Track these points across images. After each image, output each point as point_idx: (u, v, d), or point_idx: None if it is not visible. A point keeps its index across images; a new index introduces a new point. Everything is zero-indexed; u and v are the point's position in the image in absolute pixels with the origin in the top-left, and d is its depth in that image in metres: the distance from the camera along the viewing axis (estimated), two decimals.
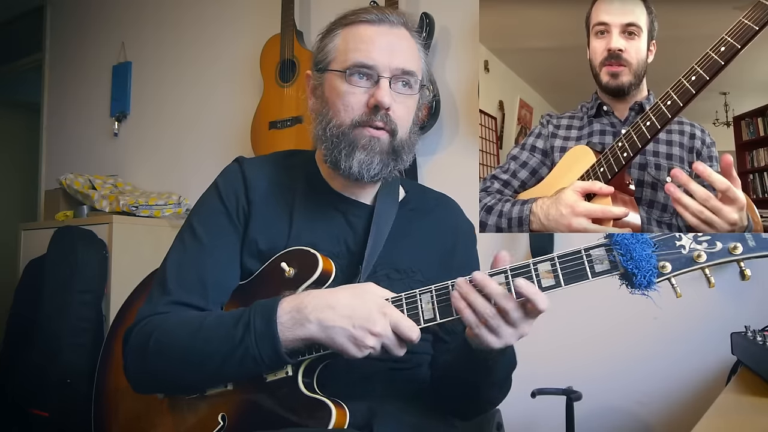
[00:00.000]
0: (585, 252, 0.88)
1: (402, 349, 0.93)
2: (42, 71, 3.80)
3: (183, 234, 1.12)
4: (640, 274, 0.84)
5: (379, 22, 1.06)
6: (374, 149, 1.04)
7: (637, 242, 0.85)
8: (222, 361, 0.95)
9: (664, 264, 0.84)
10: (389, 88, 1.03)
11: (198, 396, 1.03)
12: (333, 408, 0.94)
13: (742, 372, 1.18)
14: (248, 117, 2.56)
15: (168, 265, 1.09)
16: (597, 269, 0.87)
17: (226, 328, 0.96)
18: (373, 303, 0.93)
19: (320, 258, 1.02)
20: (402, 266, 1.11)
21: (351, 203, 1.14)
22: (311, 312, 0.93)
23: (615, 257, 0.86)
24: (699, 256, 0.84)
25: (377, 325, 0.91)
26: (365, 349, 0.91)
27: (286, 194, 1.13)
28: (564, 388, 1.66)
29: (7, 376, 2.57)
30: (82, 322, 2.43)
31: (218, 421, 1.00)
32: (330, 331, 0.91)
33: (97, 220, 2.64)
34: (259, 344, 0.93)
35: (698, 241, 0.85)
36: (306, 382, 0.98)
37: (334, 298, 0.94)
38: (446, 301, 0.93)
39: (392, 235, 1.12)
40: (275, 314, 0.94)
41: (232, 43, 2.88)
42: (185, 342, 0.98)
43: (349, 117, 1.05)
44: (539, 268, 0.89)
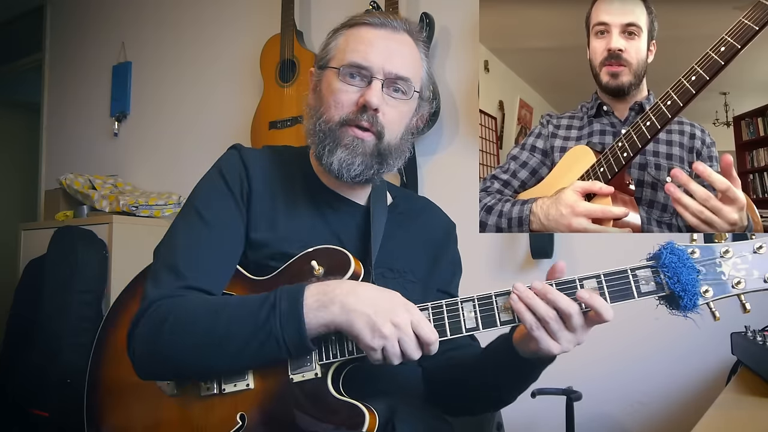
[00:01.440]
0: (631, 272, 0.89)
1: (418, 351, 0.91)
2: (42, 71, 3.80)
3: (187, 217, 1.09)
4: (687, 297, 0.86)
5: (381, 26, 1.08)
6: (356, 150, 1.05)
7: (684, 266, 0.86)
8: (243, 343, 0.93)
9: (707, 288, 0.87)
10: (380, 91, 1.04)
11: (214, 394, 1.00)
12: (366, 413, 0.93)
13: (742, 372, 1.18)
14: (248, 117, 2.56)
15: (176, 248, 1.06)
16: (643, 290, 0.88)
17: (250, 308, 0.94)
18: (399, 300, 0.93)
19: (352, 259, 1.01)
20: (395, 266, 1.12)
21: (345, 201, 1.14)
22: (337, 295, 0.92)
23: (662, 279, 0.88)
24: (739, 284, 0.86)
25: (399, 316, 0.90)
26: (381, 338, 0.89)
27: (283, 187, 1.13)
28: (564, 388, 1.66)
29: (7, 376, 2.57)
30: (82, 322, 2.43)
31: (237, 421, 0.98)
32: (351, 315, 0.90)
33: (97, 220, 2.64)
34: (283, 326, 0.91)
35: (737, 268, 0.87)
36: (334, 385, 0.96)
37: (361, 288, 0.94)
38: (490, 311, 0.93)
39: (384, 237, 1.13)
40: (302, 296, 0.93)
41: (231, 43, 2.88)
42: (206, 322, 0.95)
43: (338, 114, 1.05)
44: (585, 285, 0.90)
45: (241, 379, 0.99)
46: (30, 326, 2.50)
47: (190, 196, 1.13)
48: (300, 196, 1.13)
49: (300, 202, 1.12)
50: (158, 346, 0.97)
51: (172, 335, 0.96)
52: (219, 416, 0.99)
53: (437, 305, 0.95)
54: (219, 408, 1.00)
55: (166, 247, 1.08)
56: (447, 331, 0.93)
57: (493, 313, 0.92)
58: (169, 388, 1.04)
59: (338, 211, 1.13)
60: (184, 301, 0.99)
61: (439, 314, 0.94)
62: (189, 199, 1.12)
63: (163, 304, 0.99)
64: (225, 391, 0.99)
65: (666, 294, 0.88)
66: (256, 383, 0.99)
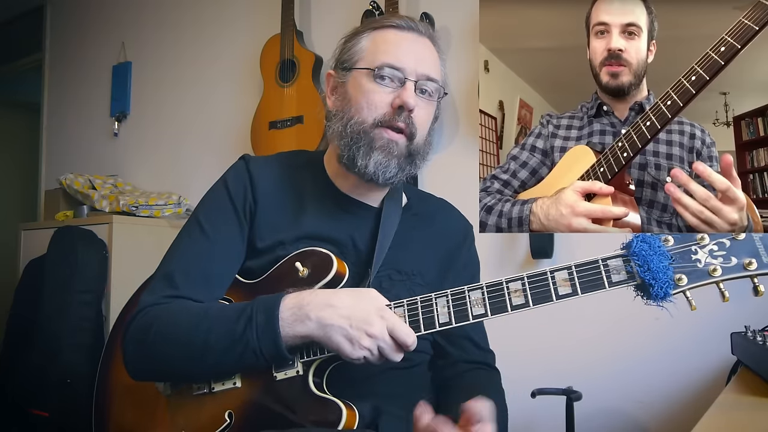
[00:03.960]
0: (602, 262, 0.89)
1: (398, 354, 0.94)
2: (42, 71, 3.80)
3: (190, 228, 1.12)
4: (657, 285, 0.85)
5: (408, 29, 1.09)
6: (392, 152, 1.05)
7: (655, 254, 0.86)
8: (222, 354, 0.96)
9: (680, 276, 0.85)
10: (414, 92, 1.05)
11: (204, 393, 1.04)
12: (344, 408, 0.95)
13: (742, 372, 1.18)
14: (248, 117, 2.56)
15: (174, 257, 1.09)
16: (614, 279, 0.88)
17: (228, 321, 0.97)
18: (372, 306, 0.94)
19: (335, 259, 1.03)
20: (404, 268, 1.12)
21: (358, 204, 1.15)
22: (312, 309, 0.94)
23: (632, 268, 0.87)
24: (714, 270, 0.85)
25: (374, 326, 0.92)
26: (361, 349, 0.92)
27: (292, 194, 1.14)
28: (564, 388, 1.66)
29: (7, 376, 2.57)
30: (82, 322, 2.43)
31: (225, 419, 1.01)
32: (328, 330, 0.92)
33: (97, 220, 2.63)
34: (260, 339, 0.94)
35: (714, 255, 0.86)
36: (316, 382, 0.99)
37: (335, 298, 0.95)
38: (462, 306, 0.94)
39: (396, 238, 1.13)
40: (277, 309, 0.95)
41: (231, 43, 2.88)
42: (186, 333, 0.98)
43: (371, 115, 1.06)
44: (556, 276, 0.90)
45: (228, 378, 1.02)
46: (30, 326, 2.49)
47: (196, 206, 1.16)
48: (311, 201, 1.13)
49: (311, 207, 1.13)
50: (145, 351, 1.01)
51: (156, 342, 1.00)
52: (209, 414, 1.02)
53: (412, 301, 0.96)
54: (209, 406, 1.03)
55: (168, 256, 1.11)
56: (421, 326, 0.95)
57: (465, 308, 0.94)
58: (164, 389, 1.08)
59: (351, 214, 1.14)
60: (168, 309, 1.02)
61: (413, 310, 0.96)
62: (194, 210, 1.15)
63: (151, 310, 1.03)
64: (214, 390, 1.03)
65: (638, 283, 0.87)
66: (242, 382, 1.02)
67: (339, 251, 1.09)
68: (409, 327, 0.94)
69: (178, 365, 1.01)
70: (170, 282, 1.06)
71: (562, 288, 0.90)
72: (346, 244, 1.10)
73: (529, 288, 0.91)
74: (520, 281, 0.92)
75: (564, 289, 0.90)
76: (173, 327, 1.00)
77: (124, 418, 1.15)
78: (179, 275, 1.06)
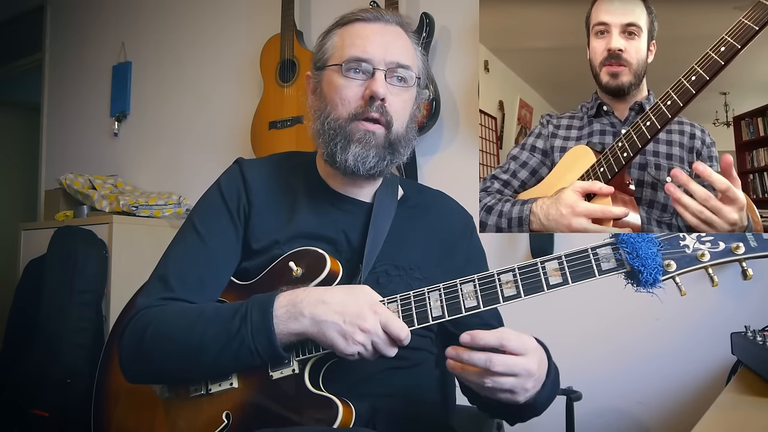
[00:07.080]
0: (592, 251, 0.90)
1: (392, 348, 0.94)
2: (42, 71, 3.79)
3: (185, 231, 1.13)
4: (646, 271, 0.85)
5: (374, 20, 1.10)
6: (369, 143, 1.06)
7: (643, 241, 0.87)
8: (218, 353, 0.96)
9: (669, 262, 0.86)
10: (384, 80, 1.06)
11: (202, 394, 1.04)
12: (340, 405, 0.95)
13: (742, 372, 1.18)
14: (248, 117, 2.56)
15: (170, 260, 1.10)
16: (604, 267, 0.89)
17: (223, 320, 0.97)
18: (364, 301, 0.95)
19: (328, 258, 1.03)
20: (401, 263, 1.12)
21: (350, 201, 1.15)
22: (305, 307, 0.94)
23: (621, 255, 0.88)
24: (702, 255, 0.86)
25: (367, 321, 0.92)
26: (355, 344, 0.92)
27: (286, 195, 1.15)
28: (564, 388, 1.66)
29: (7, 376, 2.56)
30: (82, 322, 2.43)
31: (222, 420, 1.01)
32: (322, 326, 0.93)
33: (97, 220, 2.63)
34: (255, 337, 0.95)
35: (702, 240, 0.87)
36: (312, 380, 0.99)
37: (329, 295, 0.96)
38: (455, 299, 0.94)
39: (392, 233, 1.13)
40: (272, 307, 0.96)
41: (232, 43, 2.88)
42: (182, 333, 0.99)
43: (346, 110, 1.07)
44: (546, 267, 0.91)
45: (225, 379, 1.02)
46: (30, 326, 2.50)
47: (193, 208, 1.17)
48: (304, 200, 1.14)
49: (304, 206, 1.13)
50: (141, 354, 1.02)
51: (152, 345, 1.00)
52: (206, 416, 1.02)
53: (405, 296, 0.97)
54: (206, 408, 1.03)
55: (163, 259, 1.12)
56: (414, 320, 0.95)
57: (458, 301, 0.94)
58: (162, 392, 1.08)
59: (343, 210, 1.14)
60: (163, 311, 1.03)
61: (407, 304, 0.96)
62: (190, 214, 1.16)
63: (146, 313, 1.03)
64: (211, 391, 1.03)
65: (627, 270, 0.88)
66: (239, 382, 1.02)
67: (333, 248, 1.09)
68: (403, 321, 0.94)
69: (174, 366, 1.01)
70: (165, 285, 1.06)
71: (552, 278, 0.90)
72: (339, 240, 1.11)
73: (521, 279, 0.91)
74: (512, 273, 0.92)
75: (555, 278, 0.90)
76: (168, 328, 1.00)
77: (123, 421, 1.15)
78: (174, 278, 1.07)
